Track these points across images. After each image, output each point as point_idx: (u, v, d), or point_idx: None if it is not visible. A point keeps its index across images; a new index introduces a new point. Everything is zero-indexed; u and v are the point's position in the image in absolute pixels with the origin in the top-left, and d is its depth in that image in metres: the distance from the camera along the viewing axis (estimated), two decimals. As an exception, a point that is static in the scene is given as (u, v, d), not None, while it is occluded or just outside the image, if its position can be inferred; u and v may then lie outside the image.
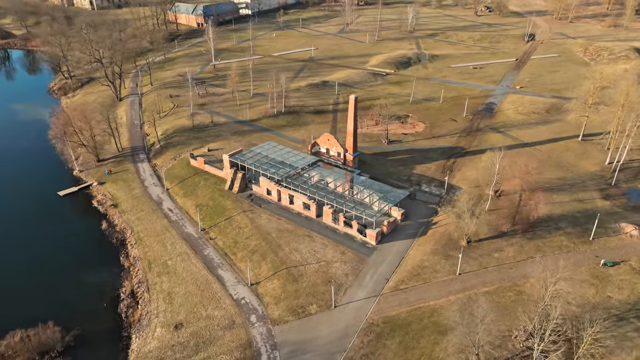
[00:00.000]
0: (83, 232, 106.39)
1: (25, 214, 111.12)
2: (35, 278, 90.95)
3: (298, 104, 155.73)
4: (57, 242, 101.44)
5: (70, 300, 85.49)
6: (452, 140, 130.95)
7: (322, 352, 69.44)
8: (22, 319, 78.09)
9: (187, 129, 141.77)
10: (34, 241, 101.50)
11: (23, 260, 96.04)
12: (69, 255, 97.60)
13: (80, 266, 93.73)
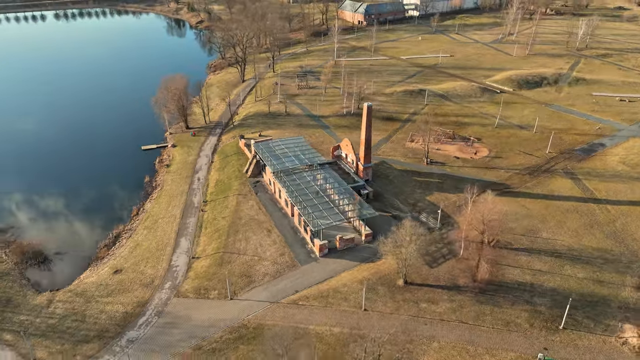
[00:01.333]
0: (132, 178, 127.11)
1: (110, 152, 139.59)
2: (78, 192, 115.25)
3: (376, 108, 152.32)
4: (111, 176, 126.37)
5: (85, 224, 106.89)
6: (503, 176, 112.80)
7: (186, 332, 72.92)
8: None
9: (262, 115, 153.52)
10: (99, 170, 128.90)
11: (85, 176, 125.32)
12: (108, 188, 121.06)
13: (107, 202, 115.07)
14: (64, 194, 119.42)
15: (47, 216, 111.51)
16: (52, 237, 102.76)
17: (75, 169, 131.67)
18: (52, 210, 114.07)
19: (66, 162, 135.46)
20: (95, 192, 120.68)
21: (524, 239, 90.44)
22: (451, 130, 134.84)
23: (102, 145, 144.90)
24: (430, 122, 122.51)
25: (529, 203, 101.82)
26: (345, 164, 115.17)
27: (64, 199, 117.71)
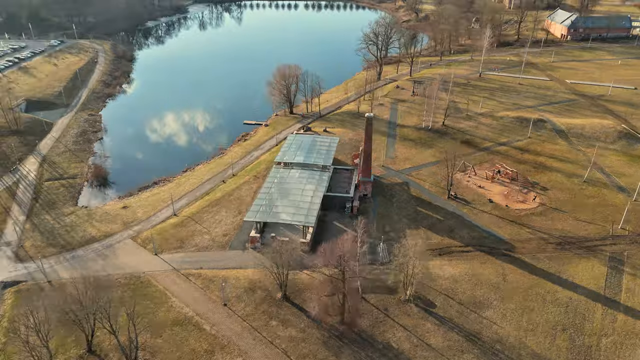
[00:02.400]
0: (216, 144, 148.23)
1: (225, 120, 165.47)
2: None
3: (464, 129, 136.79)
4: (207, 139, 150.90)
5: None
6: (523, 236, 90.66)
7: (107, 265, 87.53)
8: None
9: (351, 113, 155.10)
10: (203, 134, 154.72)
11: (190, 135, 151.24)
12: (193, 149, 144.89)
13: (180, 158, 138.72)
14: (167, 140, 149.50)
15: (140, 152, 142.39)
16: (125, 169, 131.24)
17: (190, 126, 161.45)
18: (147, 149, 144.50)
19: (189, 117, 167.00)
20: (182, 150, 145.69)
21: (454, 306, 74.26)
22: (515, 170, 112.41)
23: (226, 112, 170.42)
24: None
25: (512, 274, 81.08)
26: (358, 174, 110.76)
27: (164, 145, 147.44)
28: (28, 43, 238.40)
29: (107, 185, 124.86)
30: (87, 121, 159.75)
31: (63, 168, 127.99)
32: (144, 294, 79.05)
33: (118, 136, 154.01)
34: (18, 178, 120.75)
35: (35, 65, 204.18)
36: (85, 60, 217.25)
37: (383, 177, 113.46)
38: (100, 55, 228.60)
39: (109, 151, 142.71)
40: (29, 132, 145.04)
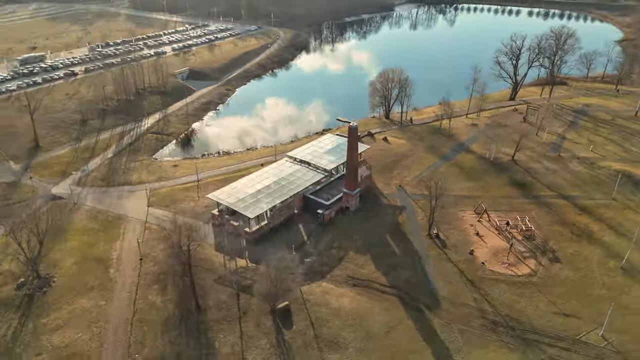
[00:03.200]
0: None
1: (324, 109, 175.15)
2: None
3: (534, 170, 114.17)
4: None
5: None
6: (467, 306, 75.05)
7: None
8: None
9: (433, 128, 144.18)
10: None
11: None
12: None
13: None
14: (263, 120, 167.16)
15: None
16: (213, 137, 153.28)
17: (292, 114, 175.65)
18: (243, 124, 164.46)
19: (299, 105, 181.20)
20: (270, 132, 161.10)
21: (307, 335, 68.80)
22: (532, 228, 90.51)
23: (336, 106, 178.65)
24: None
25: (403, 331, 69.48)
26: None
27: (259, 124, 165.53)
28: (234, 26, 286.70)
29: (188, 146, 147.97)
30: (219, 94, 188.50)
31: (169, 126, 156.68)
32: (104, 230, 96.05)
33: (231, 109, 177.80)
34: (136, 126, 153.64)
35: (220, 45, 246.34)
36: (260, 45, 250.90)
37: (388, 196, 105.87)
38: (277, 42, 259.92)
39: (214, 120, 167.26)
40: (173, 95, 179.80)
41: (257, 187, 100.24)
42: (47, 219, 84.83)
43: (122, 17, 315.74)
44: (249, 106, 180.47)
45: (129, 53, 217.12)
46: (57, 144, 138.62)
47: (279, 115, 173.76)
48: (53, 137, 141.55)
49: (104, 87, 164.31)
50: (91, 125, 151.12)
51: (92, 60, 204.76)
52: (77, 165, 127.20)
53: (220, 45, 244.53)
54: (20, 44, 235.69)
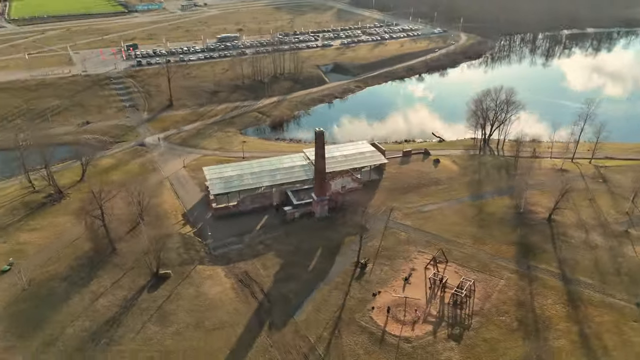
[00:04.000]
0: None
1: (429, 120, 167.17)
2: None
3: (570, 238, 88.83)
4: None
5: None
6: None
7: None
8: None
9: (505, 163, 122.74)
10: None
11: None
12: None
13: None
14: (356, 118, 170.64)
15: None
16: (304, 125, 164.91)
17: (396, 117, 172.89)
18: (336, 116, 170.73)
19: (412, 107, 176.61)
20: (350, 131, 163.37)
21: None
22: (445, 281, 73.22)
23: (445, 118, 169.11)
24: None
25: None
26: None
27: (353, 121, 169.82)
28: (422, 28, 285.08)
29: (277, 129, 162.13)
30: (344, 89, 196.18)
31: (276, 109, 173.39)
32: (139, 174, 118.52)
33: (345, 105, 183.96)
34: (250, 104, 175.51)
35: (388, 44, 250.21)
36: (428, 48, 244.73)
37: (368, 215, 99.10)
38: (448, 47, 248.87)
39: (321, 111, 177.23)
40: (303, 83, 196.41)
41: (245, 171, 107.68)
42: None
43: (331, 11, 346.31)
44: (362, 105, 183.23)
45: (300, 42, 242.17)
46: (183, 106, 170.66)
47: (381, 117, 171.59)
48: (184, 101, 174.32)
49: (242, 68, 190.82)
50: (219, 97, 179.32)
51: (264, 45, 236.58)
52: (179, 125, 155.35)
53: (387, 44, 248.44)
54: (235, 25, 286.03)
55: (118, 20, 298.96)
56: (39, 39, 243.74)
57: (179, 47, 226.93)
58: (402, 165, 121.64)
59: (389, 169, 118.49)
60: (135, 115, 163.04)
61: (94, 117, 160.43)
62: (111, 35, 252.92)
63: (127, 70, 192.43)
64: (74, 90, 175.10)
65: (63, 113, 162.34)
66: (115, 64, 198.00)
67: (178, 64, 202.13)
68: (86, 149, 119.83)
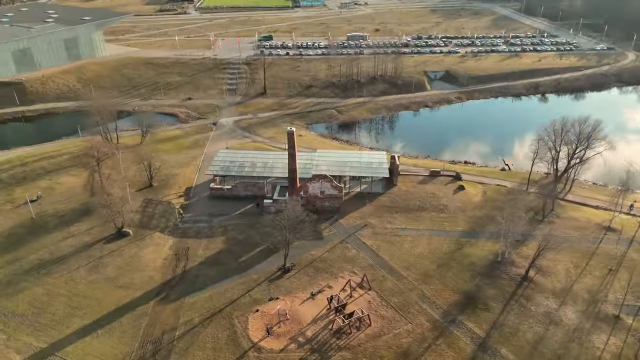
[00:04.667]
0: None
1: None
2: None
3: (530, 305, 73.19)
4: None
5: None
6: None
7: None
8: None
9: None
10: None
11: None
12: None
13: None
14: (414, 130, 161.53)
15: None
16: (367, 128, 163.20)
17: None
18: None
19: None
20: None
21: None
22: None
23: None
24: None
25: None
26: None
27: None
28: (584, 42, 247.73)
29: (344, 129, 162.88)
30: (440, 98, 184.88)
31: (355, 110, 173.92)
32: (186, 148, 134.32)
33: (434, 115, 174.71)
34: (333, 102, 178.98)
35: (523, 56, 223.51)
36: (574, 65, 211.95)
37: (333, 225, 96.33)
38: (603, 67, 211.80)
39: (400, 118, 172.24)
40: (399, 88, 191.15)
41: (248, 161, 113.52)
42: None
43: (490, 17, 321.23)
44: (448, 118, 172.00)
45: (425, 47, 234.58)
46: (274, 96, 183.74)
47: (457, 133, 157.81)
48: (277, 91, 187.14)
49: (342, 66, 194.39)
50: (310, 91, 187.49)
51: (385, 47, 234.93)
52: (258, 112, 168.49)
53: (522, 57, 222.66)
54: (376, 24, 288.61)
55: (279, 13, 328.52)
56: (203, 25, 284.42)
57: (307, 42, 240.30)
58: (419, 184, 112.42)
59: (401, 186, 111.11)
60: (230, 97, 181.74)
61: (197, 94, 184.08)
62: (262, 27, 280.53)
63: (247, 58, 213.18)
64: (196, 70, 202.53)
65: (177, 88, 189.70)
66: (240, 52, 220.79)
67: (292, 57, 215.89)
68: (149, 119, 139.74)
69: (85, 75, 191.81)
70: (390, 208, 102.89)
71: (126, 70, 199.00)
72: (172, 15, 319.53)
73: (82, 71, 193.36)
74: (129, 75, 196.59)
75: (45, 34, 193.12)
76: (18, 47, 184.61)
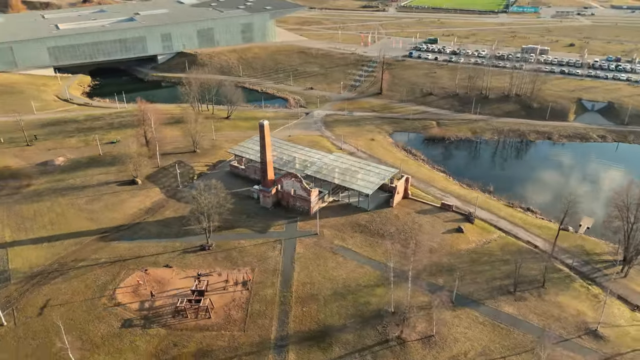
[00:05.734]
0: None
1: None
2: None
3: None
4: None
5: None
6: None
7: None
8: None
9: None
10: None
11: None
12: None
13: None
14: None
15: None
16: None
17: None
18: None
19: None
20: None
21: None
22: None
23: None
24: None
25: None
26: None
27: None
28: None
29: (431, 145, 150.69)
30: (574, 133, 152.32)
31: (456, 127, 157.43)
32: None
33: (548, 148, 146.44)
34: (440, 115, 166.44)
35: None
36: None
37: (284, 224, 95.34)
38: None
39: (507, 142, 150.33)
40: (530, 112, 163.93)
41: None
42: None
43: None
44: (563, 157, 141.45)
45: (601, 69, 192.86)
46: (386, 97, 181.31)
47: (552, 176, 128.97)
48: (394, 94, 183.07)
49: (469, 79, 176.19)
50: (425, 99, 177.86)
51: (556, 64, 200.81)
52: (356, 110, 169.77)
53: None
54: (580, 39, 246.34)
55: (475, 18, 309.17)
56: (386, 23, 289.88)
57: (473, 50, 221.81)
58: (416, 213, 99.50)
59: (397, 209, 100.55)
60: (346, 93, 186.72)
61: (321, 86, 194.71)
62: (441, 29, 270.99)
63: (390, 59, 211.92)
64: (336, 64, 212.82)
65: (310, 78, 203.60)
66: (383, 51, 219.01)
67: (436, 63, 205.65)
68: (235, 97, 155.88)
69: (246, 55, 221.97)
70: (359, 226, 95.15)
71: (279, 56, 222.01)
72: (369, 12, 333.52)
73: (245, 52, 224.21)
74: (279, 60, 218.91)
75: (226, 18, 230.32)
76: (203, 27, 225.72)
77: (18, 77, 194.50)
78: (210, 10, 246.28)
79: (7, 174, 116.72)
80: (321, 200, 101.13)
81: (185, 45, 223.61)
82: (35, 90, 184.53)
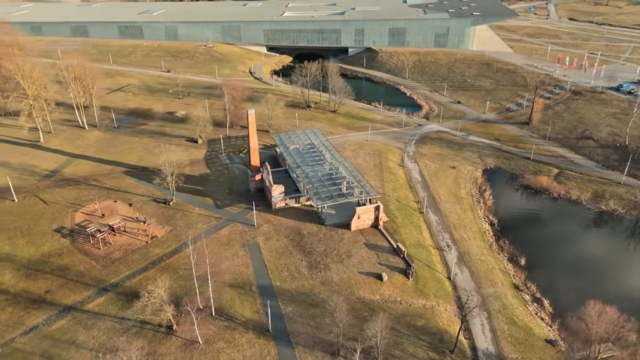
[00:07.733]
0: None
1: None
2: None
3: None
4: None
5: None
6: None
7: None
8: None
9: None
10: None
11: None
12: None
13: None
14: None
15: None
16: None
17: None
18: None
19: None
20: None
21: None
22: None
23: None
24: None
25: None
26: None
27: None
28: None
29: (525, 191, 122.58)
30: None
31: (585, 186, 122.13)
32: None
33: None
34: (573, 164, 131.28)
35: None
36: None
37: (257, 210, 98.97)
38: None
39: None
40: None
41: (298, 142, 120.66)
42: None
43: None
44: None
45: None
46: (534, 130, 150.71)
47: None
48: (547, 126, 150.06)
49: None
50: (580, 142, 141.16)
51: None
52: (473, 134, 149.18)
53: None
54: None
55: None
56: (613, 46, 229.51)
57: None
58: (362, 244, 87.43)
59: (353, 233, 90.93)
60: (491, 114, 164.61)
61: (471, 102, 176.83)
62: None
63: (583, 87, 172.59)
64: (511, 82, 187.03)
65: (471, 92, 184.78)
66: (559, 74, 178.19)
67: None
68: (339, 98, 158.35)
69: (425, 59, 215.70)
70: (296, 235, 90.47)
71: (458, 65, 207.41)
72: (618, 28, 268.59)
73: (427, 56, 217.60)
74: (455, 69, 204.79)
75: (420, 20, 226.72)
76: (395, 26, 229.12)
77: (237, 50, 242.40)
78: (419, 10, 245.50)
79: (146, 114, 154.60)
80: (287, 198, 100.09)
81: (375, 42, 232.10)
82: (239, 61, 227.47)
